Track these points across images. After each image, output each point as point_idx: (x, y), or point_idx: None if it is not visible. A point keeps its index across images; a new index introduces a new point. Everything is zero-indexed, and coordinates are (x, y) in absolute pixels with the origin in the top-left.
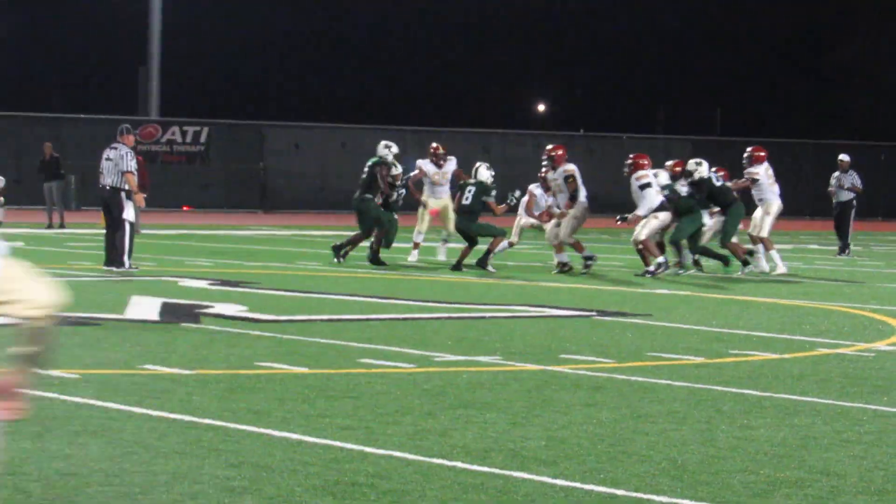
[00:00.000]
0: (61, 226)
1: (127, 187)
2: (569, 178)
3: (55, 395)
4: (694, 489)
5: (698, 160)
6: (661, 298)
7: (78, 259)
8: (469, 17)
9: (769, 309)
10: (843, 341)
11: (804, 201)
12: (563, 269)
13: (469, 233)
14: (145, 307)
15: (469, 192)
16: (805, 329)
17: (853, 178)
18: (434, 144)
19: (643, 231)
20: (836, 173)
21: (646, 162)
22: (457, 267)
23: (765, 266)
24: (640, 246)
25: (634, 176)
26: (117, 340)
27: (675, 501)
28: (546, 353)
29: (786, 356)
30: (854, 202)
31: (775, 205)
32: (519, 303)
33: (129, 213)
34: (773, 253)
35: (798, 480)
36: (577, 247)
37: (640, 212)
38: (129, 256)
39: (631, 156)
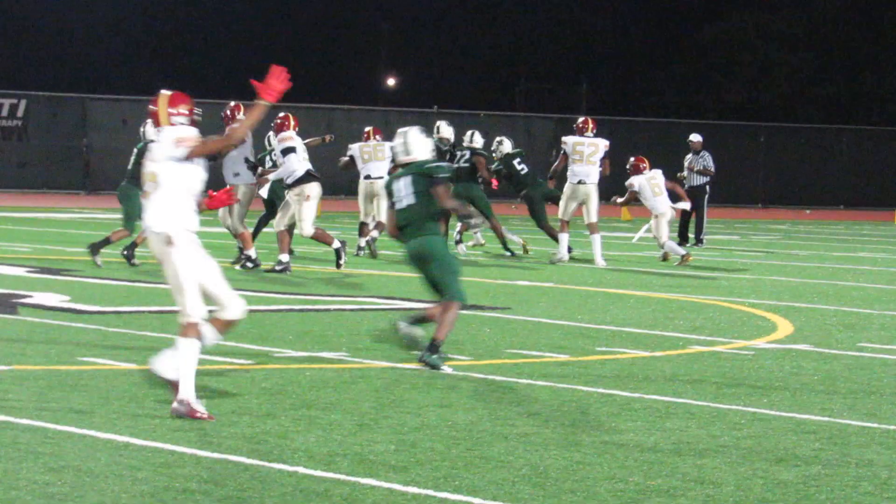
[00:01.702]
0: None
1: None
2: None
3: None
4: (557, 497)
5: (500, 138)
6: (521, 290)
7: None
8: None
9: (640, 302)
10: (720, 338)
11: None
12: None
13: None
14: None
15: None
16: (678, 325)
17: (705, 161)
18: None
19: (305, 224)
20: (689, 156)
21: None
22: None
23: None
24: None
25: None
26: None
27: None
28: (396, 349)
29: (657, 354)
30: (707, 187)
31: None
32: (367, 294)
33: None
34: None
35: (670, 489)
36: (283, 244)
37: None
38: None
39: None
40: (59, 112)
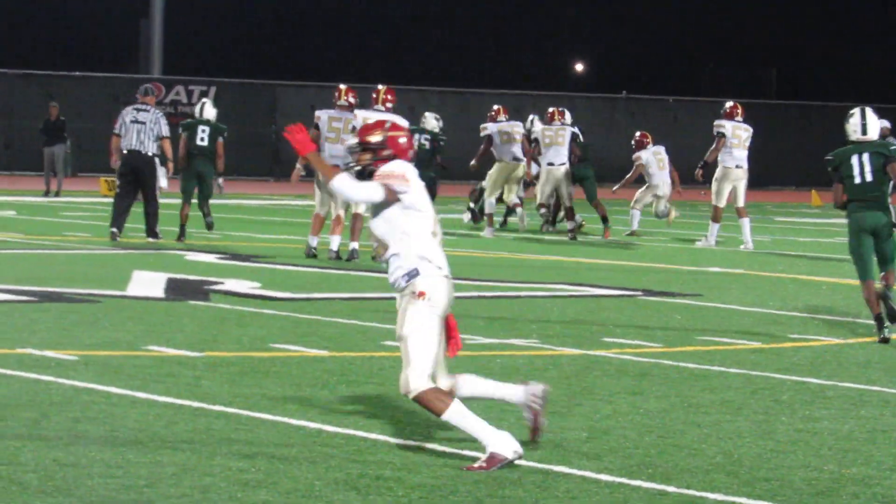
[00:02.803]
0: (57, 193)
1: (160, 154)
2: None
3: (52, 379)
4: (751, 486)
5: (532, 116)
6: (712, 277)
7: (74, 230)
8: None
9: (831, 289)
10: None
11: None
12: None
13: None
14: (149, 283)
15: (203, 131)
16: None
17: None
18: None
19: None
20: None
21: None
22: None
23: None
24: None
25: None
26: (119, 319)
27: (731, 500)
28: (587, 336)
29: (850, 341)
30: None
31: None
32: (557, 280)
33: (164, 182)
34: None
35: (865, 477)
36: None
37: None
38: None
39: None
40: (248, 99)
